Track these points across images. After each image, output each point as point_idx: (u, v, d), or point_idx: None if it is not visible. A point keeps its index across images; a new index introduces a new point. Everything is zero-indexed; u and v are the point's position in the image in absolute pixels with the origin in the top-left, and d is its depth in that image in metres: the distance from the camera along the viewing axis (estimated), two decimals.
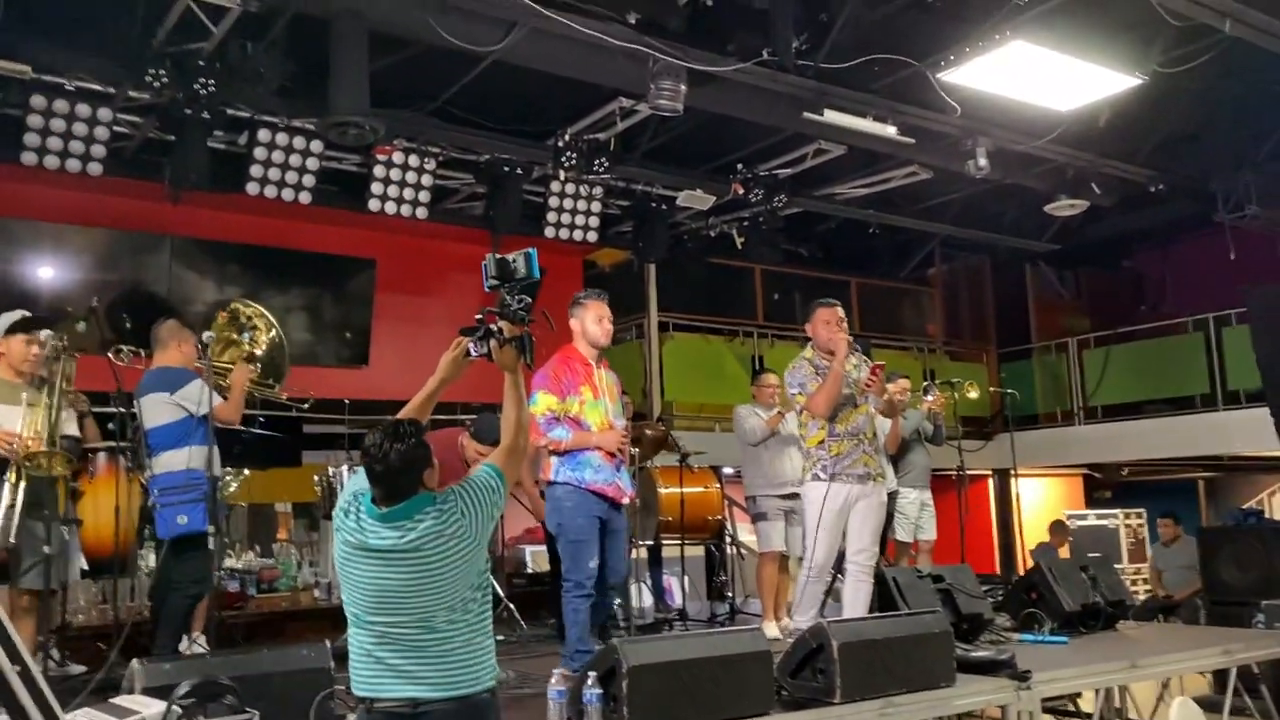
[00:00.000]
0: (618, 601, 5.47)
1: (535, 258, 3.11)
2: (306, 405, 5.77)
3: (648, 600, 7.50)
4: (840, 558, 5.47)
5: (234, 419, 5.07)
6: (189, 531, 4.82)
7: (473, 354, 3.05)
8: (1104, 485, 14.89)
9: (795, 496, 6.27)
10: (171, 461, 4.88)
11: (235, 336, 5.15)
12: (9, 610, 4.18)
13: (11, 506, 4.23)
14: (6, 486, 4.23)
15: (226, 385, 5.10)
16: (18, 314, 4.89)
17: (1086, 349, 12.49)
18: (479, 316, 3.05)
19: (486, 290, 3.17)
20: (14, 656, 2.85)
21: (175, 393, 4.88)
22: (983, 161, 7.53)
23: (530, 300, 3.09)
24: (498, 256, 3.14)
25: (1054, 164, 8.42)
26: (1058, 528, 11.52)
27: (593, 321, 4.85)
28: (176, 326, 5.13)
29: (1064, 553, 10.14)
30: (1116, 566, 7.23)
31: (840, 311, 5.48)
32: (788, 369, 5.58)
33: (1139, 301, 13.74)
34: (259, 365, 5.33)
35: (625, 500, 4.83)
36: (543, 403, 4.67)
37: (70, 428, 4.70)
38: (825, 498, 5.23)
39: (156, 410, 4.89)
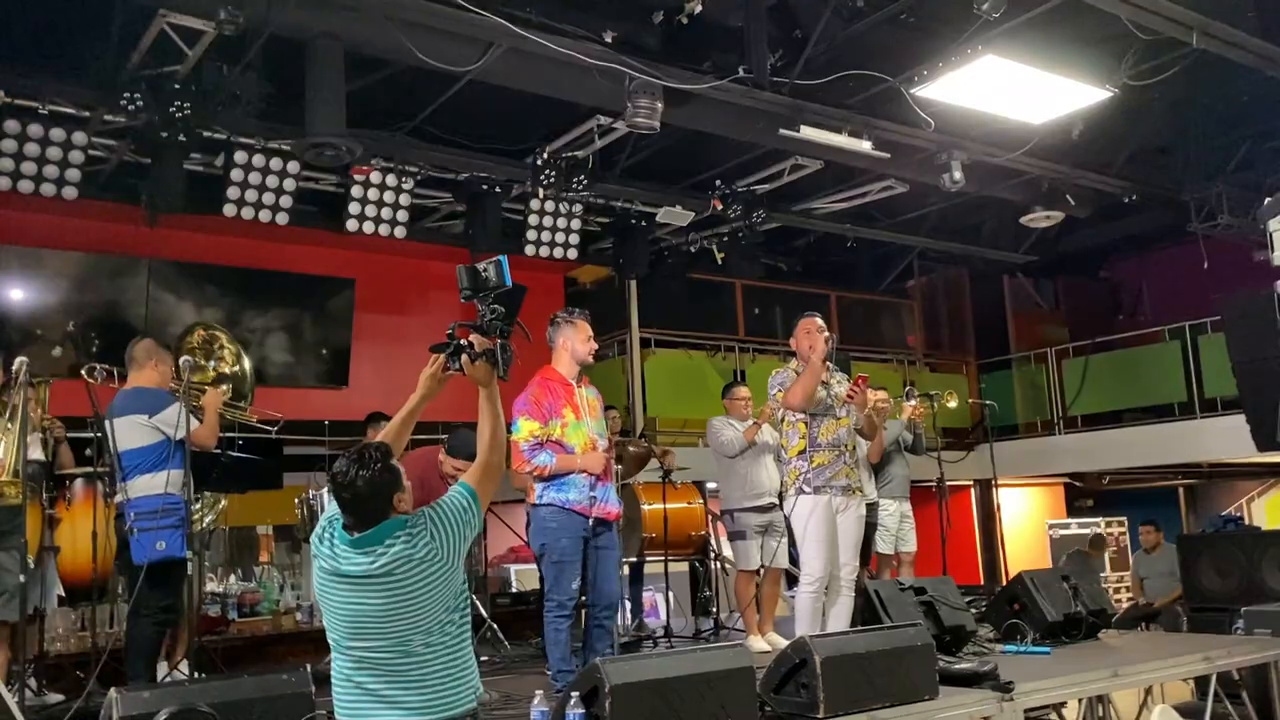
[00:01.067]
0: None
1: (506, 265, 3.09)
2: (275, 428, 5.71)
3: (627, 618, 7.48)
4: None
5: (209, 443, 5.01)
6: (166, 557, 4.74)
7: (450, 369, 3.02)
8: (1085, 494, 14.96)
9: (773, 508, 6.28)
10: (149, 485, 4.80)
11: (201, 361, 5.13)
12: None
13: None
14: None
15: (199, 407, 5.05)
16: None
17: (1065, 359, 12.56)
18: (449, 331, 3.03)
19: (463, 301, 3.16)
20: None
21: (154, 415, 4.81)
22: (958, 175, 7.60)
23: (503, 310, 3.07)
24: (468, 267, 3.12)
25: (1029, 176, 8.50)
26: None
27: (582, 341, 4.87)
28: (153, 346, 5.05)
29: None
30: (1100, 575, 7.26)
31: (820, 322, 5.56)
32: (772, 375, 5.66)
33: (1116, 311, 13.86)
34: (229, 386, 5.29)
35: (612, 518, 4.82)
36: (525, 429, 4.66)
37: (35, 452, 4.64)
38: (810, 514, 5.25)
39: (132, 433, 4.80)
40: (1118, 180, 8.81)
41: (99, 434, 5.20)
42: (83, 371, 5.10)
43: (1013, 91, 6.56)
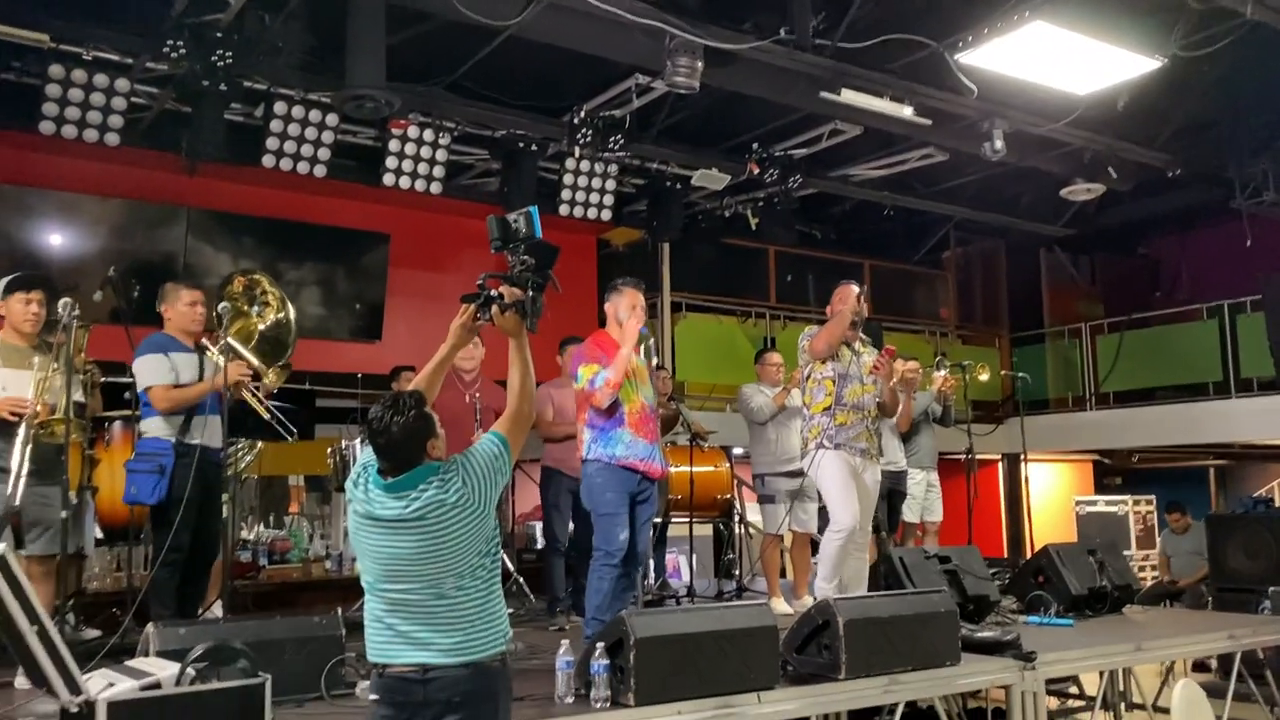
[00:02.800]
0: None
1: (536, 216, 3.10)
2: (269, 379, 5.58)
3: (650, 578, 7.54)
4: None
5: (161, 408, 4.82)
6: (138, 502, 4.80)
7: (480, 319, 3.03)
8: (1114, 471, 14.87)
9: (803, 473, 6.31)
10: (146, 428, 4.86)
11: (245, 308, 5.10)
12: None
13: (19, 474, 4.25)
14: (15, 451, 4.25)
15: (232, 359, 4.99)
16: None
17: (1100, 334, 12.45)
18: (479, 282, 3.04)
19: (493, 251, 3.17)
20: (32, 618, 2.91)
21: (134, 362, 4.84)
22: (999, 144, 7.50)
23: (533, 261, 3.08)
24: (499, 217, 3.13)
25: (1071, 147, 8.38)
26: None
27: (626, 308, 4.95)
28: (168, 289, 5.04)
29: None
30: (1125, 553, 7.24)
31: (855, 290, 5.68)
32: (803, 334, 5.77)
33: (1154, 288, 13.68)
34: (259, 383, 5.16)
35: (656, 475, 4.89)
36: (586, 372, 4.78)
37: (80, 394, 4.70)
38: (835, 466, 5.38)
39: (137, 376, 4.88)
40: (1161, 154, 8.67)
41: (134, 379, 5.28)
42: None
43: (1059, 60, 6.45)
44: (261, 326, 5.13)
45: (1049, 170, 8.80)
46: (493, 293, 2.99)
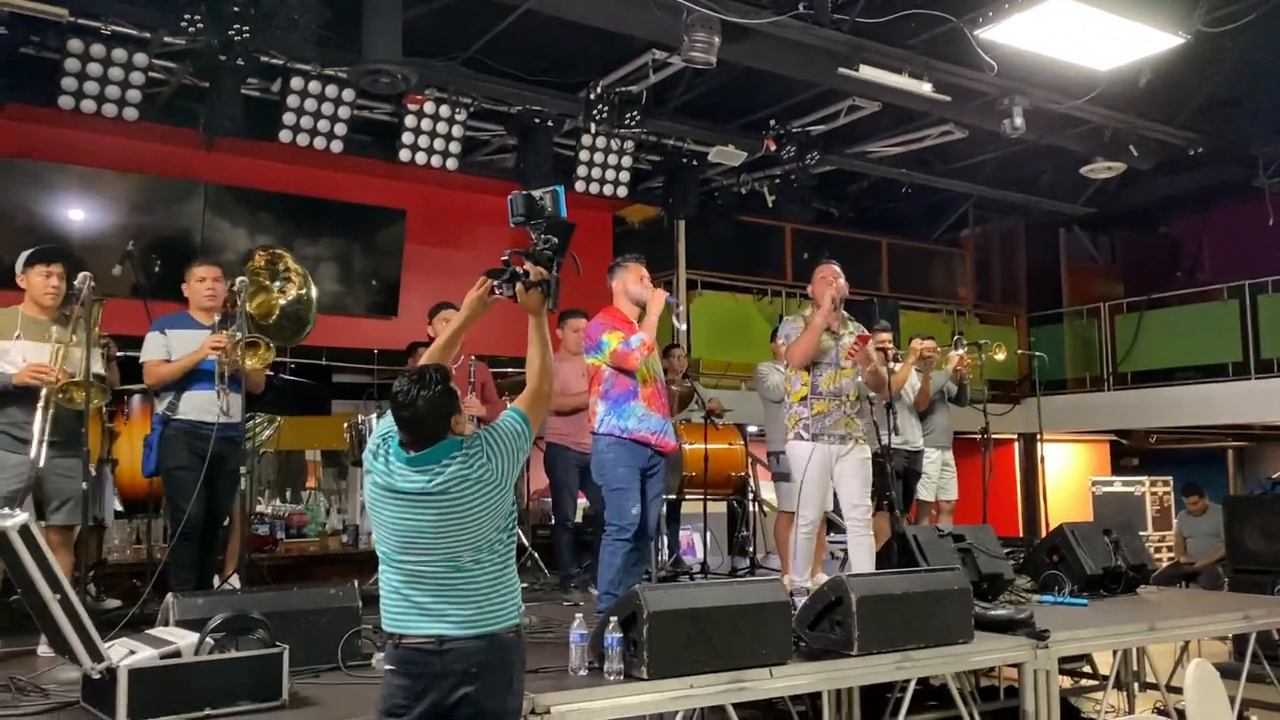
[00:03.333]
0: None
1: (563, 196, 3.11)
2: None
3: (664, 554, 7.58)
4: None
5: (149, 383, 4.91)
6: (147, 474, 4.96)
7: (497, 294, 3.05)
8: (1131, 452, 14.80)
9: None
10: (159, 403, 4.96)
11: (266, 283, 5.10)
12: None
13: (41, 440, 4.29)
14: (37, 418, 4.29)
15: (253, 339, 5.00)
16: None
17: (1119, 314, 12.37)
18: (505, 258, 3.05)
19: (512, 226, 3.17)
20: (55, 587, 2.95)
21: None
22: (1019, 121, 7.44)
23: (556, 241, 3.09)
24: (525, 193, 3.13)
25: (1091, 125, 8.31)
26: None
27: (634, 281, 4.97)
28: (192, 267, 5.08)
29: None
30: (1141, 534, 7.22)
31: (836, 270, 5.60)
32: (783, 322, 5.79)
33: (1174, 267, 13.57)
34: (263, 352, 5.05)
35: (667, 450, 4.89)
36: (613, 338, 4.79)
37: (98, 366, 4.73)
38: (809, 458, 5.33)
39: None
40: (1183, 132, 8.58)
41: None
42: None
43: (1081, 36, 6.38)
44: (283, 302, 5.13)
45: (1069, 148, 8.73)
46: (518, 269, 2.99)
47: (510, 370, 8.77)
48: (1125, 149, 8.67)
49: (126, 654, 3.11)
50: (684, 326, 5.07)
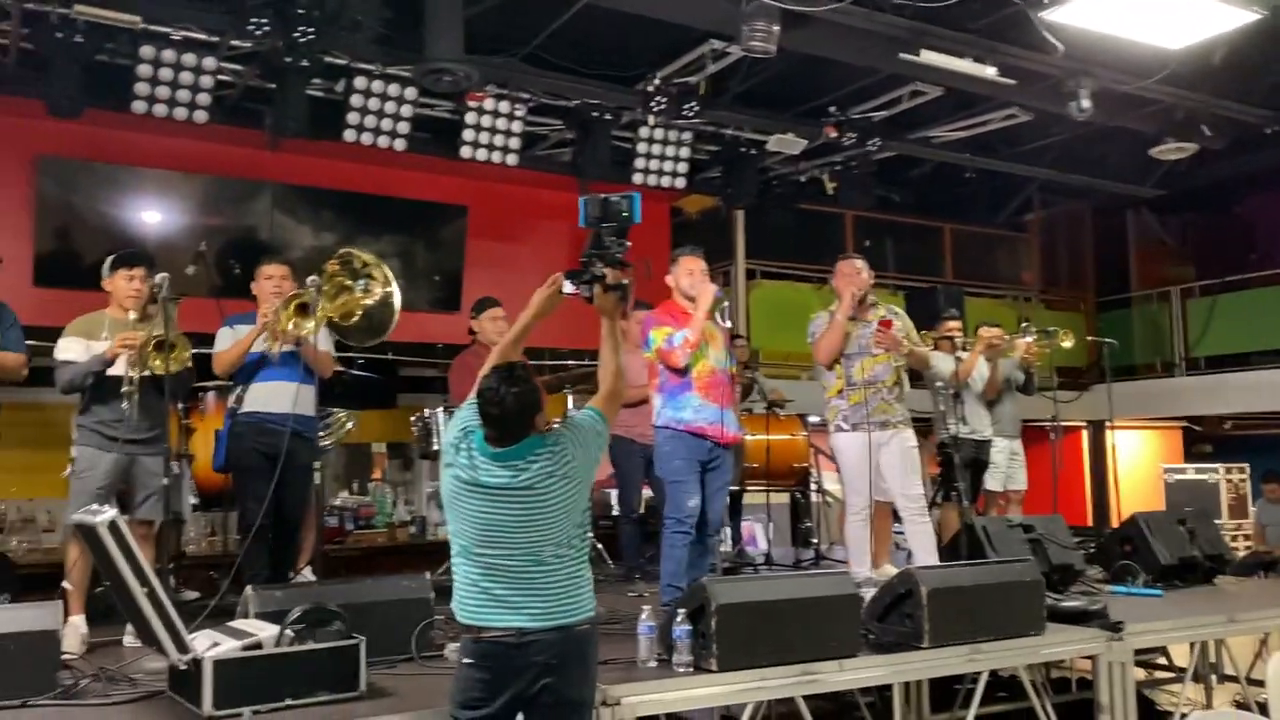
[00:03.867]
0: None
1: (639, 202, 3.14)
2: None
3: (727, 545, 7.58)
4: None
5: (216, 370, 5.05)
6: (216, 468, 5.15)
7: (567, 292, 3.08)
8: (1204, 439, 14.43)
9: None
10: (231, 397, 5.11)
11: (348, 283, 5.11)
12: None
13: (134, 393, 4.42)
14: (125, 383, 4.43)
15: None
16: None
17: (1190, 298, 12.07)
18: (584, 259, 3.08)
19: (582, 226, 3.21)
20: (142, 580, 3.05)
21: None
22: (1086, 103, 7.27)
23: (628, 245, 3.13)
24: (601, 196, 3.17)
25: (1161, 105, 8.10)
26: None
27: (684, 274, 5.00)
28: (260, 265, 5.20)
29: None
30: (1216, 522, 7.05)
31: (857, 265, 5.59)
32: (811, 319, 5.77)
33: (1248, 249, 13.16)
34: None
35: (727, 441, 4.87)
36: (659, 335, 4.81)
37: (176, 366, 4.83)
38: (852, 448, 5.39)
39: None
40: (1259, 110, 8.34)
41: None
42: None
43: (1150, 14, 6.21)
44: (368, 302, 5.15)
45: (1138, 129, 8.53)
46: (598, 271, 3.03)
47: (572, 363, 8.85)
48: (1197, 129, 8.44)
49: (210, 645, 3.20)
50: (728, 324, 5.05)
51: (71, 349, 4.53)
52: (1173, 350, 12.12)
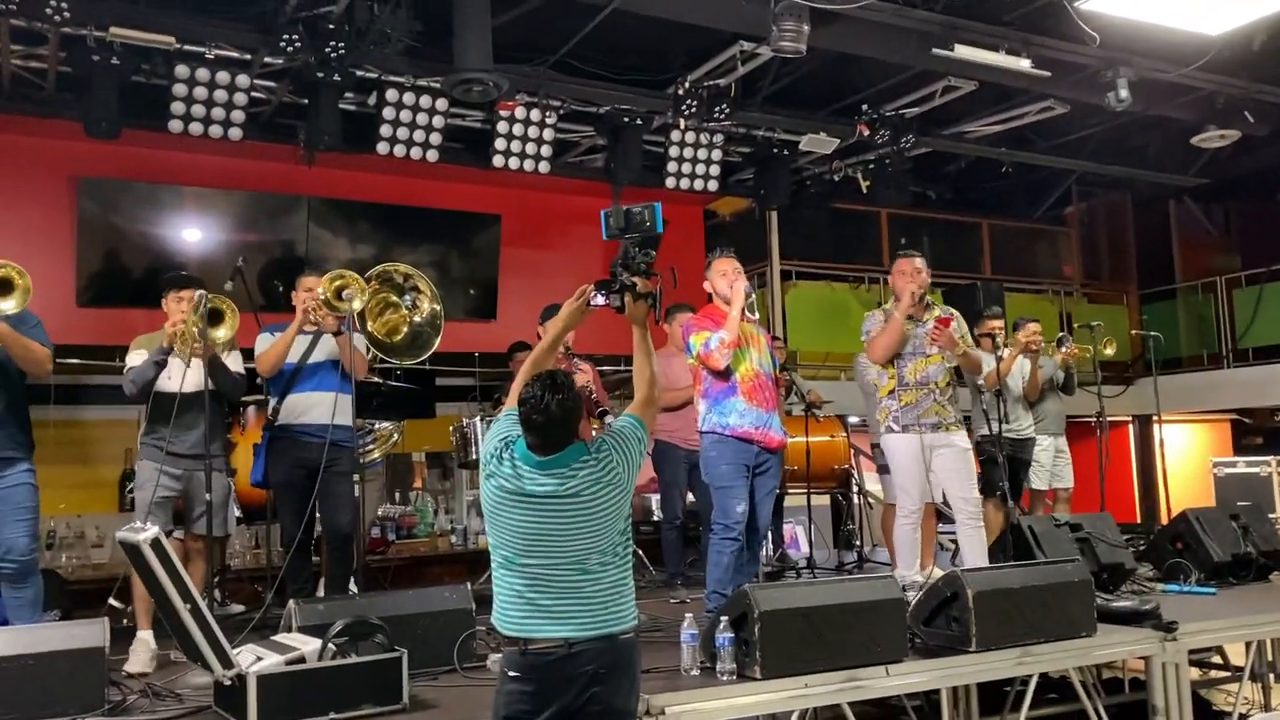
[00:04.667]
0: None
1: (660, 211, 3.14)
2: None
3: (769, 549, 7.53)
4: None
5: (260, 370, 5.08)
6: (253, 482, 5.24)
7: (597, 303, 3.10)
8: (1254, 431, 14.14)
9: None
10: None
11: (394, 299, 5.10)
12: (183, 554, 4.45)
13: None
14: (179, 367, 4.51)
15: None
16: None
17: (1236, 288, 11.84)
18: (614, 269, 3.10)
19: (606, 239, 3.21)
20: (185, 596, 3.07)
21: None
22: (1124, 93, 7.15)
23: (654, 254, 3.13)
24: (624, 208, 3.18)
25: (1202, 93, 7.95)
26: None
27: (718, 276, 4.98)
28: (300, 276, 5.23)
29: None
30: (1270, 517, 6.90)
31: (918, 263, 5.46)
32: (865, 317, 5.67)
33: None
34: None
35: (773, 445, 4.84)
36: (699, 339, 4.80)
37: (236, 365, 4.88)
38: (903, 450, 5.29)
39: None
40: None
41: None
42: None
43: (1188, 1, 6.10)
44: (416, 319, 5.14)
45: (1178, 118, 8.37)
46: (627, 280, 3.04)
47: (606, 369, 8.84)
48: (1239, 116, 8.27)
49: (254, 660, 3.22)
50: (755, 317, 5.02)
51: (135, 358, 4.64)
52: (1220, 341, 11.89)
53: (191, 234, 7.96)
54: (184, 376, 4.54)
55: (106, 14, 5.95)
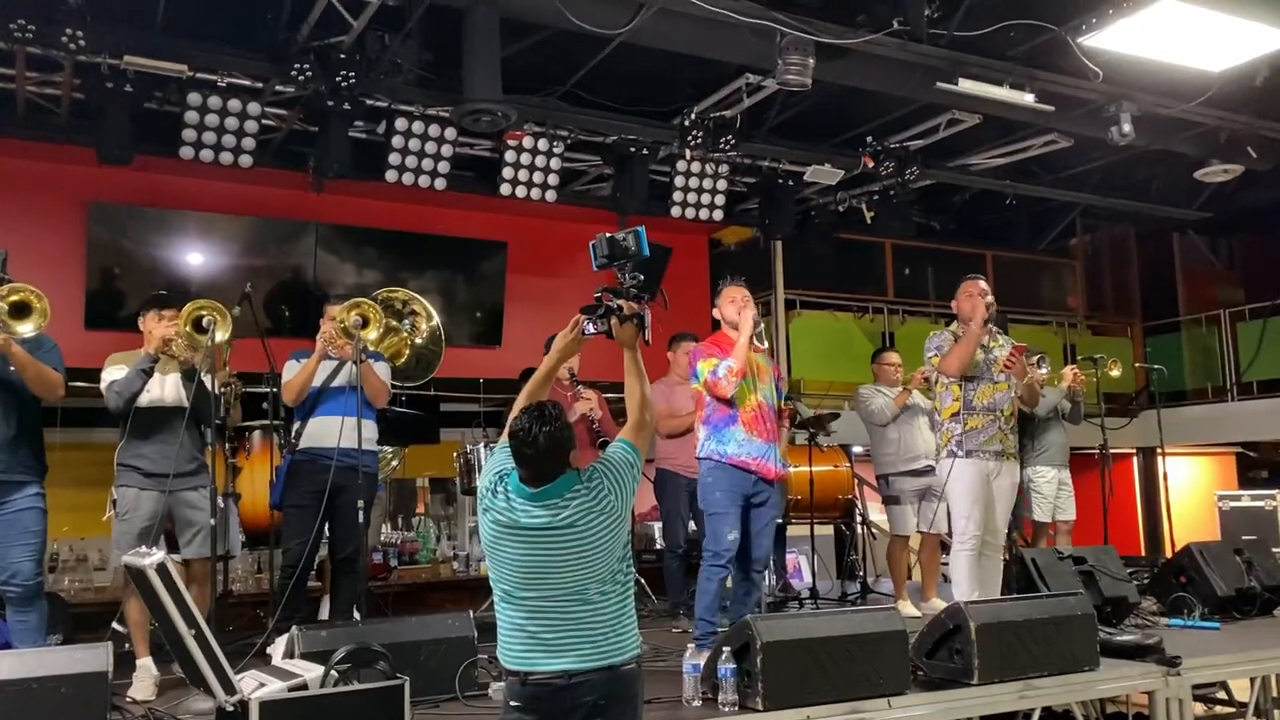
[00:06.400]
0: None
1: (644, 235, 3.17)
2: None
3: (772, 579, 7.51)
4: None
5: (286, 398, 5.19)
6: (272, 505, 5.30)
7: (589, 332, 3.13)
8: (1259, 464, 14.11)
9: (929, 471, 6.20)
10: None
11: (395, 324, 5.15)
12: (184, 579, 4.44)
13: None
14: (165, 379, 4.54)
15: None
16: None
17: (1241, 321, 11.85)
18: (598, 295, 3.12)
19: (596, 269, 3.24)
20: (190, 621, 3.08)
21: None
22: (1127, 128, 7.20)
23: (643, 278, 3.15)
24: (608, 236, 3.22)
25: (1205, 128, 8.00)
26: None
27: (726, 304, 5.02)
28: (326, 305, 5.31)
29: None
30: (1275, 551, 6.89)
31: (984, 285, 5.55)
32: (930, 337, 5.67)
33: None
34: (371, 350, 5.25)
35: (770, 476, 4.84)
36: (706, 367, 4.82)
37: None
38: (965, 476, 5.24)
39: None
40: None
41: (273, 389, 5.53)
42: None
43: (1191, 37, 6.16)
44: (418, 340, 5.19)
45: (1182, 152, 8.42)
46: (611, 304, 3.06)
47: (611, 396, 8.86)
48: (1243, 150, 8.32)
49: (256, 686, 3.22)
50: (764, 346, 5.05)
51: (115, 373, 4.62)
52: (1224, 374, 11.89)
53: (200, 258, 8.02)
54: (162, 389, 4.55)
55: (121, 43, 6.02)
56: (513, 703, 2.79)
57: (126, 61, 6.10)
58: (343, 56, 6.15)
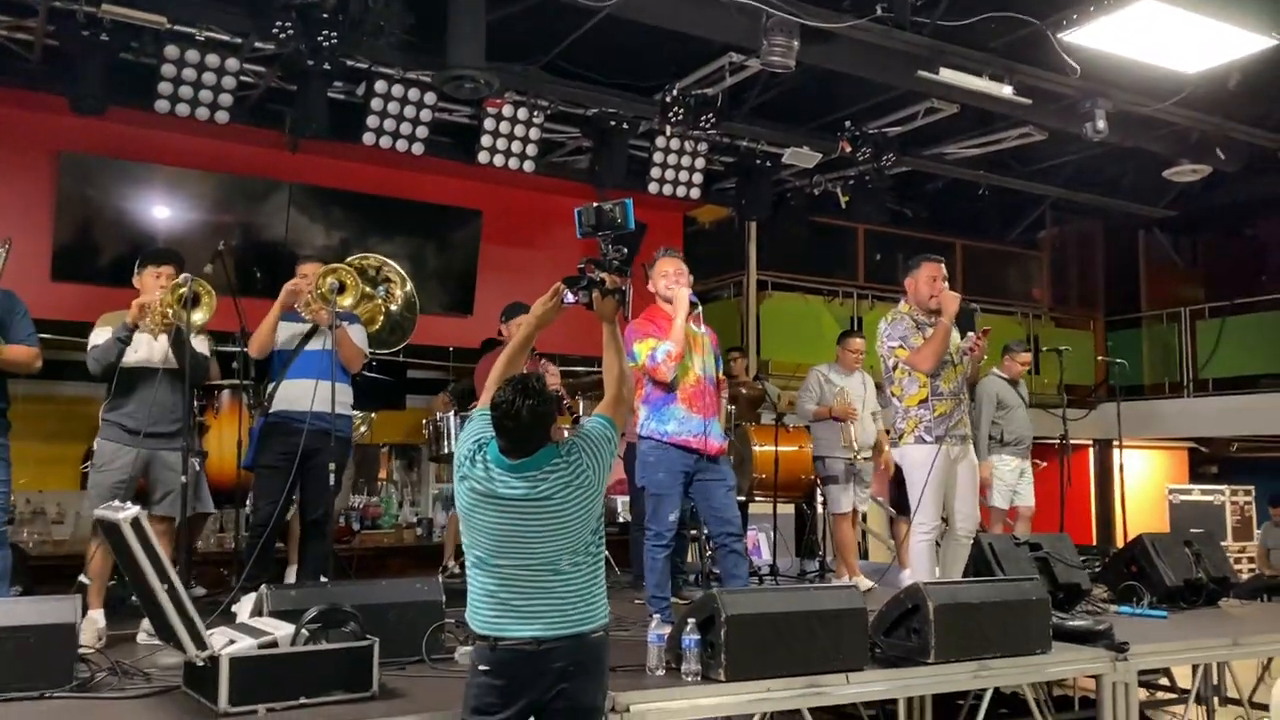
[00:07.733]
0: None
1: (631, 208, 3.18)
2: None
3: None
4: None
5: (251, 350, 5.17)
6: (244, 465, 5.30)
7: (569, 301, 3.11)
8: (1210, 460, 14.44)
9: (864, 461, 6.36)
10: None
11: (369, 290, 5.14)
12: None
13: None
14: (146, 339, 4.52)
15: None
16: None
17: (1200, 319, 12.09)
18: (581, 266, 3.13)
19: (580, 237, 3.25)
20: (163, 576, 3.09)
21: None
22: (1101, 124, 7.31)
23: (627, 251, 3.17)
24: (595, 205, 3.22)
25: (1177, 127, 8.14)
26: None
27: (658, 277, 4.89)
28: (298, 264, 5.28)
29: None
30: (1222, 544, 7.07)
31: (944, 269, 5.46)
32: (884, 321, 5.52)
33: (1259, 271, 13.19)
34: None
35: (712, 452, 4.79)
36: (644, 347, 4.71)
37: (202, 348, 4.88)
38: (933, 462, 5.20)
39: None
40: (1273, 134, 8.38)
41: (243, 349, 5.50)
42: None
43: (1168, 38, 6.27)
44: (393, 307, 5.17)
45: (1153, 150, 8.56)
46: (594, 277, 3.07)
47: (580, 369, 8.88)
48: (1211, 151, 8.48)
49: (227, 643, 3.24)
50: (702, 330, 4.99)
51: (98, 336, 4.60)
52: (1181, 371, 12.13)
53: (170, 213, 7.91)
54: (150, 350, 4.53)
55: None
56: (481, 667, 2.82)
57: (103, 10, 6.00)
58: (325, 16, 6.08)
